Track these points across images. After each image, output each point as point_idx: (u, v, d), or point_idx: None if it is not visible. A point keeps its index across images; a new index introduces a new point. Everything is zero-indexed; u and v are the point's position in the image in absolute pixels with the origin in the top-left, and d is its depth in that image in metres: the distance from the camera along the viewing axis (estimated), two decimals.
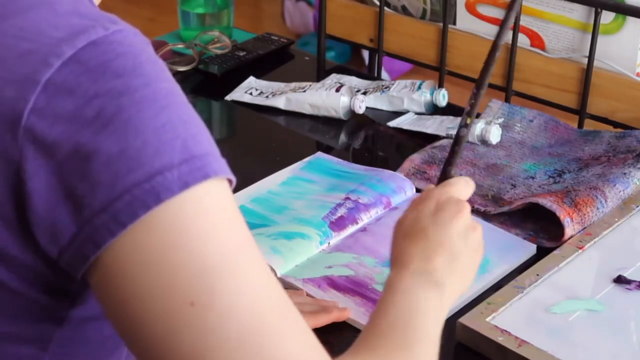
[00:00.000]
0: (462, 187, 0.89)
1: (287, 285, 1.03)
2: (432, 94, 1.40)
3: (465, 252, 0.85)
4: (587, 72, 1.31)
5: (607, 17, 1.28)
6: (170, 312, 0.62)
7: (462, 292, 0.85)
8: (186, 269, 0.62)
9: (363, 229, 1.13)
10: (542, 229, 1.12)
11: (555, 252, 1.07)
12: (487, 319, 0.96)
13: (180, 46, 1.58)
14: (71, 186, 0.61)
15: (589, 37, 1.30)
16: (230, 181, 0.66)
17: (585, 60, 1.31)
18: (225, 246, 0.63)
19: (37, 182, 0.62)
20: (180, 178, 0.61)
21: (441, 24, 1.44)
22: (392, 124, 1.38)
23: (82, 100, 0.61)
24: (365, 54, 2.79)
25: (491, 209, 1.15)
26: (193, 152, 0.62)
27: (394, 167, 1.24)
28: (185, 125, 0.63)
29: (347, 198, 1.16)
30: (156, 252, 0.61)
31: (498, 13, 1.40)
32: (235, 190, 1.17)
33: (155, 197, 0.61)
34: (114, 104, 0.61)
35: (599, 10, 1.27)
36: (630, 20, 1.27)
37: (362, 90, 1.45)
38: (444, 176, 0.90)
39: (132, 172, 0.61)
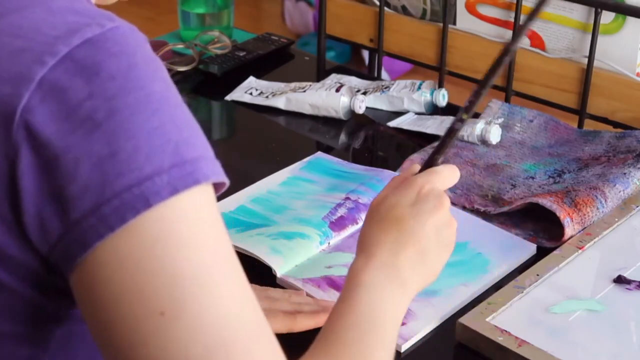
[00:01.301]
0: (447, 176, 0.87)
1: (287, 285, 1.03)
2: (432, 94, 1.40)
3: (436, 249, 0.85)
4: (587, 72, 1.31)
5: (607, 17, 1.28)
6: (141, 319, 0.61)
7: (423, 288, 0.85)
8: (159, 277, 0.61)
9: None
10: (542, 229, 1.12)
11: (555, 252, 1.07)
12: (487, 319, 0.96)
13: (180, 46, 1.58)
14: (61, 186, 0.61)
15: (589, 37, 1.30)
16: (224, 184, 0.66)
17: (585, 60, 1.31)
18: (201, 258, 0.63)
19: (27, 180, 0.62)
20: (170, 183, 0.61)
21: (441, 24, 1.44)
22: (392, 124, 1.38)
23: (75, 101, 0.61)
24: (365, 54, 2.79)
25: (491, 209, 1.15)
26: (184, 157, 0.62)
27: (394, 167, 1.24)
28: (178, 128, 0.63)
29: (347, 198, 1.16)
30: (135, 258, 0.61)
31: (498, 13, 1.40)
32: (235, 190, 1.19)
33: (144, 202, 0.61)
34: (106, 106, 0.61)
35: (599, 10, 1.27)
36: (630, 20, 1.27)
37: (362, 90, 1.45)
38: (430, 163, 0.89)
39: (123, 176, 0.61)
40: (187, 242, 0.62)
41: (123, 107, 0.61)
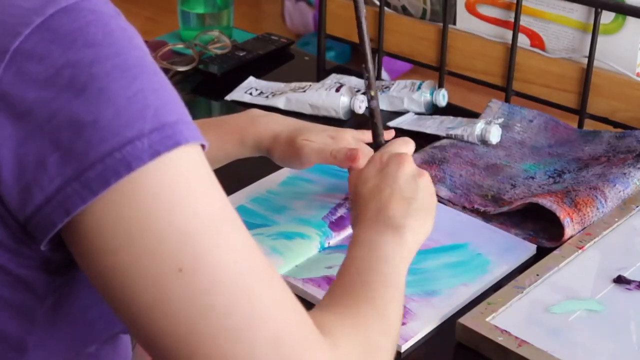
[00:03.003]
0: (400, 144, 0.96)
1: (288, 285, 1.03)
2: (432, 94, 1.40)
3: (419, 196, 0.91)
4: (587, 72, 1.31)
5: (607, 17, 1.28)
6: (160, 279, 0.63)
7: (425, 234, 0.91)
8: (170, 235, 0.63)
9: None
10: (542, 229, 1.12)
11: (555, 252, 1.07)
12: (487, 319, 0.96)
13: (180, 46, 1.58)
14: (42, 154, 0.61)
15: (589, 37, 1.30)
16: (203, 146, 0.67)
17: (585, 60, 1.31)
18: (204, 211, 0.64)
19: (5, 149, 0.62)
20: (151, 146, 0.62)
21: (441, 24, 1.44)
22: (392, 124, 1.38)
23: (53, 69, 0.62)
24: None
25: (491, 209, 1.15)
26: (164, 120, 0.63)
27: None
28: (157, 93, 0.64)
29: (347, 198, 1.16)
30: (137, 221, 0.62)
31: (498, 13, 1.40)
32: (234, 190, 1.19)
33: (126, 166, 0.61)
34: (85, 74, 0.62)
35: (599, 10, 1.27)
36: (630, 20, 1.27)
37: (362, 90, 1.45)
38: (377, 146, 0.99)
39: (105, 141, 0.61)
40: (185, 198, 0.63)
41: (102, 74, 0.62)
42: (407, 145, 0.97)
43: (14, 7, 0.64)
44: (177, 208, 0.63)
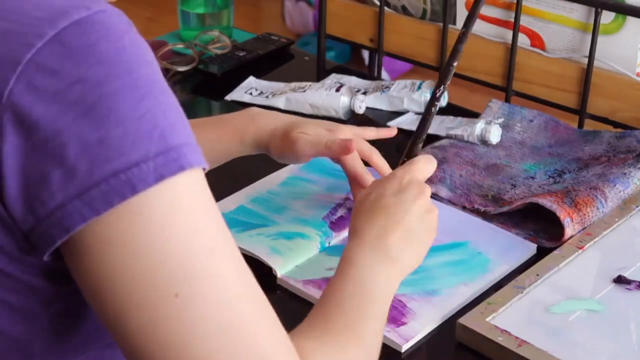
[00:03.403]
0: (424, 166, 0.95)
1: (288, 286, 1.03)
2: (432, 94, 1.40)
3: (421, 232, 0.91)
4: (587, 72, 1.31)
5: (607, 17, 1.28)
6: (155, 303, 0.63)
7: (415, 267, 0.91)
8: (167, 260, 0.63)
9: None
10: (542, 229, 1.12)
11: (555, 252, 1.07)
12: (487, 319, 0.96)
13: (180, 46, 1.58)
14: (47, 169, 0.61)
15: (589, 37, 1.30)
16: (205, 168, 0.67)
17: (585, 60, 1.31)
18: (202, 237, 0.65)
19: (11, 161, 0.62)
20: (156, 170, 0.62)
21: (441, 24, 1.44)
22: (392, 124, 1.38)
23: (63, 84, 0.61)
24: (365, 54, 2.79)
25: (491, 209, 1.15)
26: (170, 143, 0.63)
27: (394, 167, 1.23)
28: (165, 114, 0.64)
29: (347, 198, 1.16)
30: (136, 243, 0.62)
31: (498, 13, 1.40)
32: (235, 190, 1.19)
33: (131, 188, 0.62)
34: (95, 92, 0.62)
35: (599, 10, 1.27)
36: (630, 20, 1.27)
37: (362, 90, 1.45)
38: (409, 154, 0.99)
39: (110, 161, 0.61)
40: (185, 223, 0.64)
41: (112, 93, 0.62)
42: (431, 165, 0.96)
43: (25, 16, 0.63)
44: (177, 234, 0.63)
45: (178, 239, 0.63)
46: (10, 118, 0.61)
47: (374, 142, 1.40)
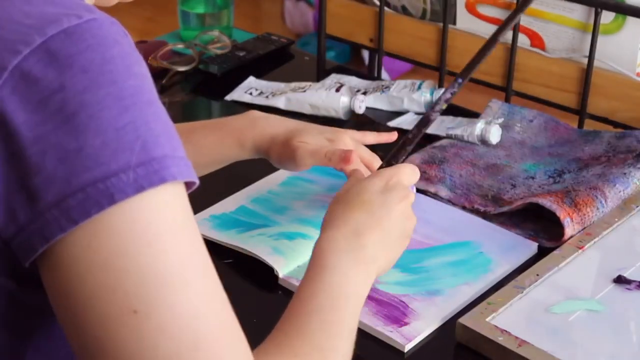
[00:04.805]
0: (410, 173, 0.95)
1: (289, 286, 1.03)
2: (432, 94, 1.40)
3: (398, 238, 0.90)
4: (587, 72, 1.31)
5: (607, 17, 1.28)
6: (113, 317, 0.62)
7: (385, 271, 0.90)
8: (131, 275, 0.61)
9: None
10: (542, 229, 1.12)
11: (555, 252, 1.07)
12: (487, 319, 0.96)
13: (180, 46, 1.58)
14: (26, 176, 0.61)
15: (589, 37, 1.30)
16: (194, 183, 0.66)
17: (585, 60, 1.31)
18: (171, 256, 0.63)
19: None
20: (136, 181, 0.61)
21: (441, 24, 1.45)
22: (392, 124, 1.38)
23: (46, 92, 0.61)
24: (365, 54, 2.79)
25: (491, 209, 1.15)
26: (152, 155, 0.62)
27: None
28: (148, 125, 0.63)
29: None
30: (105, 254, 0.61)
31: (498, 13, 1.40)
32: (235, 191, 1.19)
33: (109, 198, 0.61)
34: (77, 100, 0.61)
35: (599, 10, 1.27)
36: (630, 20, 1.27)
37: (362, 90, 1.45)
38: (395, 159, 1.00)
39: (89, 170, 0.60)
40: (156, 241, 0.62)
41: (93, 102, 0.61)
42: (415, 175, 0.96)
43: (14, 23, 0.63)
44: (145, 249, 0.62)
45: (144, 255, 0.62)
46: None
47: (374, 146, 1.41)
